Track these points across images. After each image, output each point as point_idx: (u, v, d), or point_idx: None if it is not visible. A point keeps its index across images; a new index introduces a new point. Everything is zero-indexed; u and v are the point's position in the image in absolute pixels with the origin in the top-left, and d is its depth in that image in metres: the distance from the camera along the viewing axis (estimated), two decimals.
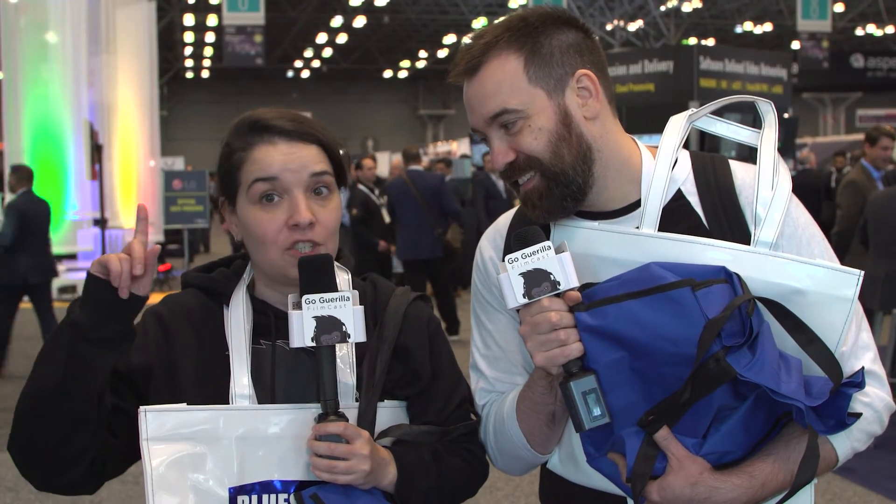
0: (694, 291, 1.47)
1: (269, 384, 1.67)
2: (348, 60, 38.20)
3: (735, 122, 1.70)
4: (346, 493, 1.57)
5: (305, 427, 1.60)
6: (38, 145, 15.50)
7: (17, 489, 5.38)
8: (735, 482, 1.51)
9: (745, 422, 1.50)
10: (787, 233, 1.62)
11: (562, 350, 1.50)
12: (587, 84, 1.64)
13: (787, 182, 1.62)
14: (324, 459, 1.55)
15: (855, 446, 1.62)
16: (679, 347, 1.46)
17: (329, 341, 1.55)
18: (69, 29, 15.87)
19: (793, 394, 1.45)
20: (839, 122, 36.74)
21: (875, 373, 1.62)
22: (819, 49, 23.77)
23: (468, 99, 1.67)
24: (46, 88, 15.63)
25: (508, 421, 1.72)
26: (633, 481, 1.51)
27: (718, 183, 1.67)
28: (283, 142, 1.67)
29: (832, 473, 5.36)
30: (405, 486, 1.65)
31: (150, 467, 1.56)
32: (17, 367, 8.72)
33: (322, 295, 1.55)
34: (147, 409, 1.59)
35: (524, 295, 1.51)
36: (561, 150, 1.60)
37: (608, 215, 1.67)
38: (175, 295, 1.81)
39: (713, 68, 12.03)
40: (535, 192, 1.63)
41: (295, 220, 1.63)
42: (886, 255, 6.24)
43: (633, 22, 28.72)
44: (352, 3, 28.95)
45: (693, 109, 1.71)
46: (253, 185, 1.65)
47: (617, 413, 1.52)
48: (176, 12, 29.05)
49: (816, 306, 1.54)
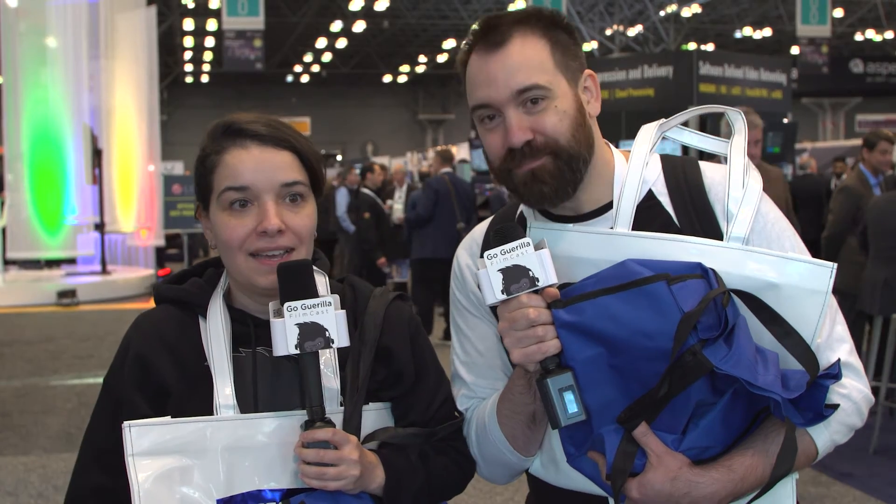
0: (669, 286, 1.48)
1: (251, 392, 1.65)
2: (348, 65, 38.21)
3: (701, 133, 1.74)
4: (334, 499, 1.57)
5: (292, 434, 1.59)
6: (37, 149, 15.51)
7: (17, 493, 5.37)
8: (714, 476, 1.52)
9: (723, 416, 1.51)
10: (757, 228, 1.64)
11: (539, 347, 1.51)
12: (590, 85, 1.69)
13: (757, 181, 1.65)
14: (313, 466, 1.54)
15: (835, 438, 1.62)
16: (655, 342, 1.47)
17: (313, 348, 1.54)
18: (69, 34, 15.90)
19: (770, 386, 1.46)
20: (839, 127, 36.74)
21: (852, 365, 1.63)
22: (818, 54, 23.77)
23: (489, 70, 1.62)
24: (46, 93, 15.65)
25: (490, 425, 1.72)
26: (613, 478, 1.52)
27: (688, 182, 1.69)
28: (256, 147, 1.65)
29: (831, 479, 5.37)
30: (393, 489, 1.65)
31: (137, 483, 1.55)
32: (17, 371, 8.72)
33: (304, 301, 1.54)
34: (131, 424, 1.57)
35: (503, 291, 1.51)
36: (579, 136, 1.63)
37: (581, 218, 1.69)
38: (148, 315, 1.77)
39: (713, 73, 12.04)
40: (545, 171, 1.62)
41: (263, 227, 1.61)
42: (886, 261, 6.24)
43: (633, 27, 28.75)
44: (351, 8, 28.95)
45: (663, 119, 1.74)
46: (224, 192, 1.64)
47: (595, 411, 1.53)
48: (175, 17, 29.06)
49: (791, 300, 1.56)
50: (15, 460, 5.98)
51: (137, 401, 1.65)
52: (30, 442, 6.41)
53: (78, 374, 8.48)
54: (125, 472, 1.62)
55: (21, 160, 15.49)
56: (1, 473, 5.71)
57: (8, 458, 6.05)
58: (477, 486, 5.09)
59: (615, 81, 12.38)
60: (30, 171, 15.52)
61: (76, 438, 6.16)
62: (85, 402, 7.35)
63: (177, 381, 1.65)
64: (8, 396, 7.74)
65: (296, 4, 29.84)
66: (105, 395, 1.74)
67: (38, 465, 5.85)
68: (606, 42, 27.28)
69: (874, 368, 6.30)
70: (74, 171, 15.50)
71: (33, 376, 8.50)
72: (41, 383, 8.21)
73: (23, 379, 8.39)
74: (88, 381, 8.16)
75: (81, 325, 11.53)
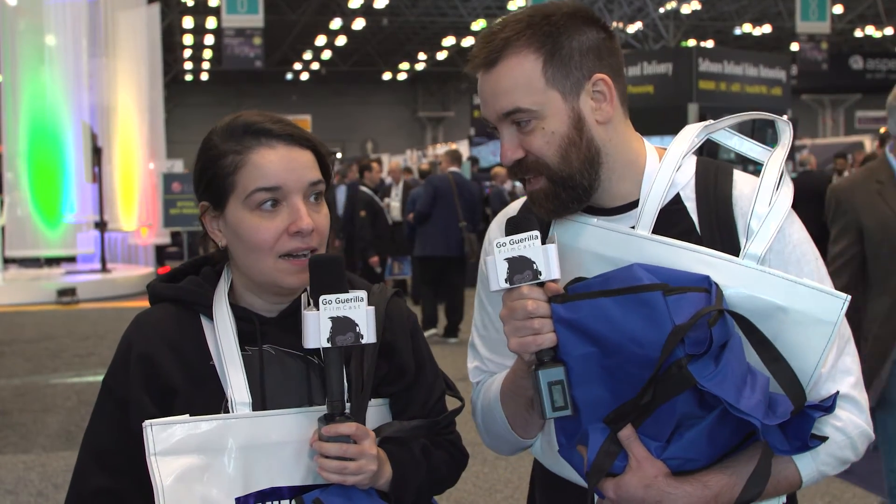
0: (665, 296, 1.47)
1: (258, 391, 1.65)
2: (347, 63, 38.18)
3: (747, 138, 1.70)
4: (347, 495, 1.58)
5: (307, 431, 1.60)
6: (36, 148, 15.49)
7: (17, 492, 5.37)
8: (688, 489, 1.52)
9: (709, 432, 1.50)
10: (777, 248, 1.60)
11: (534, 338, 1.53)
12: (602, 88, 1.64)
13: (787, 199, 1.61)
14: (333, 461, 1.55)
15: (822, 470, 1.60)
16: (645, 350, 1.47)
17: (344, 342, 1.55)
18: (68, 32, 15.89)
19: (751, 410, 1.44)
20: (838, 123, 36.73)
21: (854, 398, 1.60)
22: (818, 51, 23.76)
23: (482, 91, 1.66)
24: (45, 91, 15.64)
25: (494, 402, 1.77)
26: (590, 475, 1.53)
27: (717, 191, 1.66)
28: (283, 146, 1.65)
29: (832, 475, 5.36)
30: (399, 484, 1.66)
31: (161, 482, 1.54)
32: (17, 370, 8.72)
33: (338, 295, 1.55)
34: (152, 422, 1.57)
35: (506, 280, 1.54)
36: (570, 155, 1.61)
37: (608, 212, 1.69)
38: (147, 314, 1.75)
39: (712, 70, 12.03)
40: (542, 193, 1.64)
41: (297, 226, 1.61)
42: None
43: (632, 24, 28.74)
44: (351, 6, 28.93)
45: (710, 121, 1.70)
46: (254, 193, 1.62)
47: (584, 407, 1.55)
48: (175, 15, 29.04)
49: (798, 325, 1.53)
50: (15, 458, 5.98)
51: (145, 401, 1.64)
52: (29, 440, 6.42)
53: (78, 373, 8.48)
54: (128, 472, 1.63)
55: (20, 158, 15.48)
56: (1, 472, 5.71)
57: (8, 456, 6.05)
58: (477, 483, 4.98)
59: None
60: (29, 170, 15.51)
61: (76, 437, 6.16)
62: (85, 400, 7.35)
63: (183, 381, 1.65)
64: (8, 395, 7.74)
65: (295, 2, 29.82)
66: (106, 396, 1.72)
67: (38, 464, 5.85)
68: None
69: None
70: (73, 170, 15.48)
71: (33, 375, 8.50)
72: (41, 382, 8.21)
73: (23, 377, 8.40)
74: (88, 379, 8.16)
75: (81, 323, 11.53)
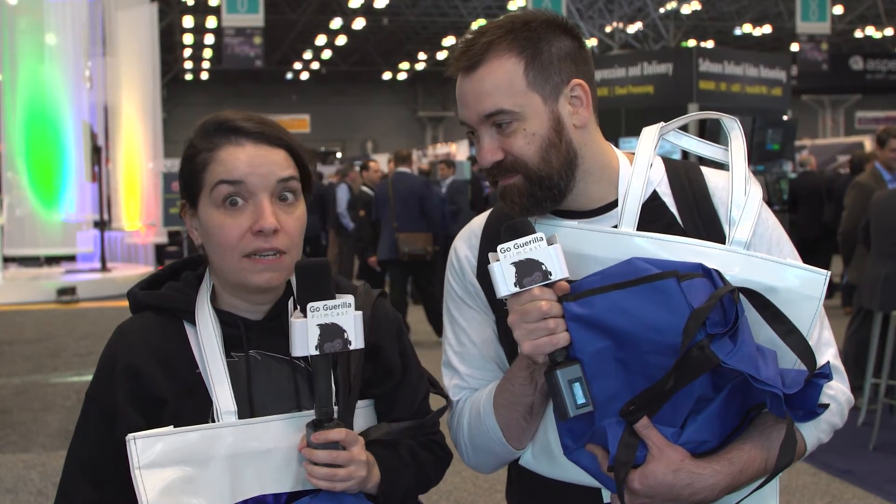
0: (679, 282, 1.52)
1: (245, 397, 1.63)
2: (347, 62, 38.18)
3: (699, 138, 1.79)
4: (338, 500, 1.57)
5: (294, 437, 1.58)
6: (35, 147, 15.48)
7: (17, 491, 5.37)
8: (716, 468, 1.56)
9: (720, 412, 1.56)
10: (759, 232, 1.69)
11: (550, 339, 1.53)
12: (580, 93, 1.68)
13: (759, 188, 1.71)
14: (322, 468, 1.53)
15: (820, 437, 1.69)
16: (664, 336, 1.50)
17: (332, 349, 1.53)
18: (68, 31, 15.88)
19: (771, 381, 1.51)
20: (838, 123, 36.75)
21: (837, 368, 1.69)
22: (818, 51, 23.77)
23: (463, 93, 1.69)
24: (45, 90, 15.63)
25: (485, 415, 1.74)
26: (616, 469, 1.54)
27: (692, 185, 1.74)
28: (251, 144, 1.63)
29: (831, 476, 5.37)
30: (388, 488, 1.65)
31: (146, 496, 1.52)
32: (16, 369, 8.72)
33: (325, 302, 1.53)
34: (135, 436, 1.54)
35: (515, 284, 1.54)
36: (550, 156, 1.65)
37: (585, 215, 1.72)
38: (130, 324, 1.72)
39: (712, 70, 12.02)
40: (515, 190, 1.67)
41: (259, 225, 1.58)
42: (887, 257, 6.24)
43: (633, 24, 28.74)
44: (351, 5, 28.93)
45: (663, 123, 1.77)
46: (217, 186, 1.60)
47: (598, 403, 1.55)
48: (175, 14, 29.04)
49: (787, 304, 1.61)
50: (15, 458, 5.98)
51: (131, 413, 1.61)
52: (29, 439, 6.42)
53: (78, 372, 8.48)
54: (115, 484, 1.60)
55: (20, 157, 15.48)
56: (1, 471, 5.72)
57: (7, 455, 6.05)
58: (477, 482, 4.98)
59: (615, 78, 12.37)
60: (29, 168, 15.51)
61: None
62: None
63: (170, 391, 1.62)
64: (8, 394, 7.74)
65: (295, 1, 29.83)
66: (91, 409, 1.70)
67: (38, 463, 5.85)
68: (606, 39, 27.27)
69: (874, 365, 6.30)
70: (74, 169, 15.48)
71: (33, 374, 8.50)
72: (41, 381, 8.21)
73: (22, 376, 8.39)
74: (88, 378, 8.06)
75: (81, 322, 11.53)
